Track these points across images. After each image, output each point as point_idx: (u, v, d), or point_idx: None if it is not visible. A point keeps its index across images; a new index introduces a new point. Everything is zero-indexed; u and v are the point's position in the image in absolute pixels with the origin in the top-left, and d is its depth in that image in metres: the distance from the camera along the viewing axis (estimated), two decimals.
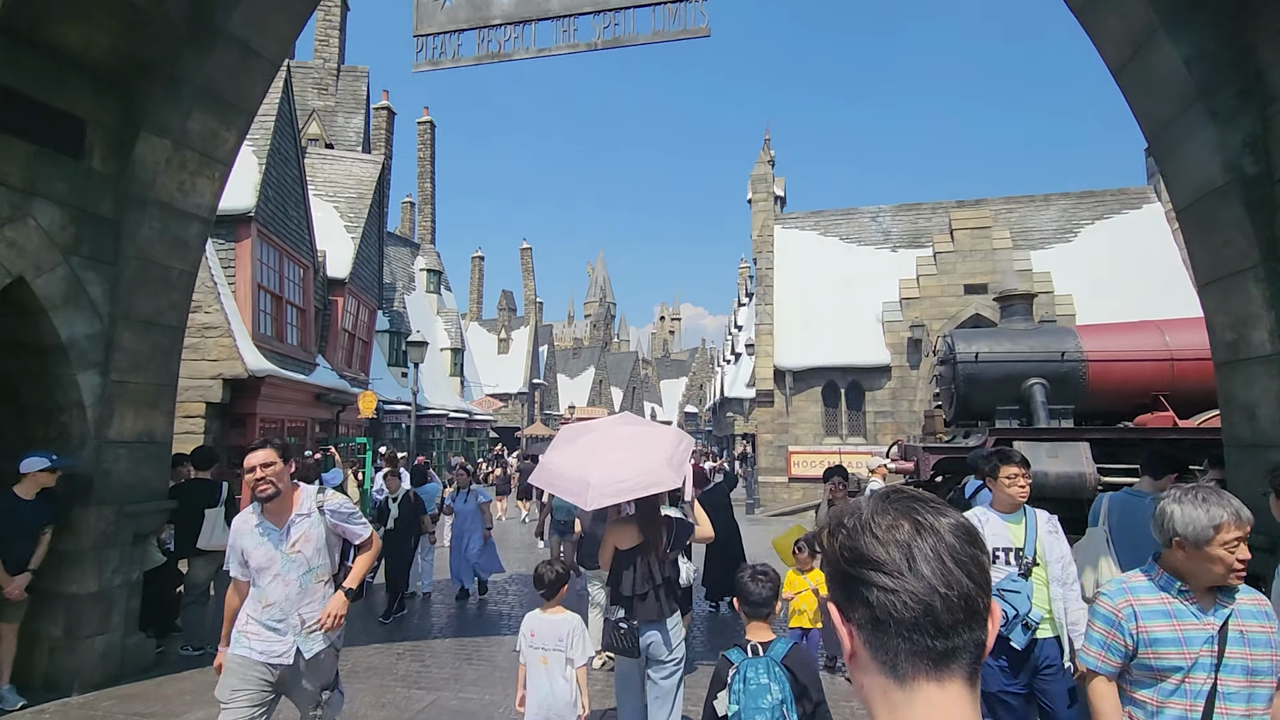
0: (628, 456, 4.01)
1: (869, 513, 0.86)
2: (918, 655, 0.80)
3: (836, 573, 0.86)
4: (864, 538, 0.83)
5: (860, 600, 0.82)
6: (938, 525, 0.83)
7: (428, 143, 32.38)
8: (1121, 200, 20.81)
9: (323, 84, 20.39)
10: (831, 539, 0.87)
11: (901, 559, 0.81)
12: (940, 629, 0.79)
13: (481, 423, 31.22)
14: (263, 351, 12.12)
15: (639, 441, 4.23)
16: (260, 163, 12.36)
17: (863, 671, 0.84)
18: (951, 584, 0.80)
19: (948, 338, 12.78)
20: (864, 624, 0.82)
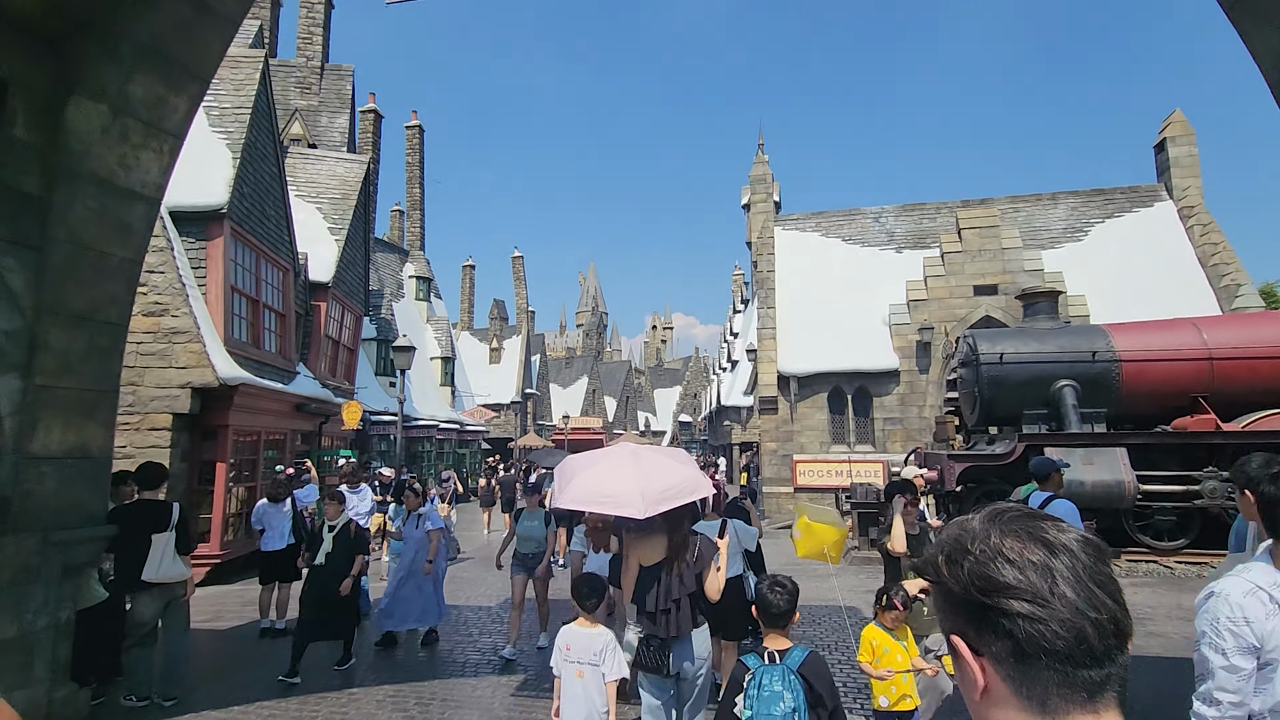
0: (664, 466, 4.14)
1: (993, 535, 0.81)
2: (1072, 687, 0.75)
3: (964, 603, 0.80)
4: (997, 563, 0.79)
5: (998, 632, 0.77)
6: (1069, 544, 0.79)
7: (416, 147, 31.62)
8: (1132, 198, 20.27)
9: (306, 83, 19.61)
10: (953, 567, 0.82)
11: (1043, 584, 0.77)
12: (1095, 657, 0.75)
13: (474, 434, 30.29)
14: (237, 358, 11.26)
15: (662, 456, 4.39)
16: (235, 158, 11.55)
17: (1000, 708, 0.78)
18: (1098, 606, 0.76)
19: (968, 338, 12.08)
20: (1004, 657, 0.77)
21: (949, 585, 0.83)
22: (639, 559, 3.94)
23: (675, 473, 4.08)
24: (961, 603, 0.82)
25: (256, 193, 12.42)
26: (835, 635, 7.39)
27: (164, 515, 5.26)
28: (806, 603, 7.66)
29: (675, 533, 3.93)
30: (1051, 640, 0.75)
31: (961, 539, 0.85)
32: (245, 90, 12.35)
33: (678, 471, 4.12)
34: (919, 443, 18.40)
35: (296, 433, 14.10)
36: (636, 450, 4.44)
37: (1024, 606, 0.76)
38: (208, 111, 12.01)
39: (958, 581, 0.82)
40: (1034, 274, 18.31)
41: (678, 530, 3.94)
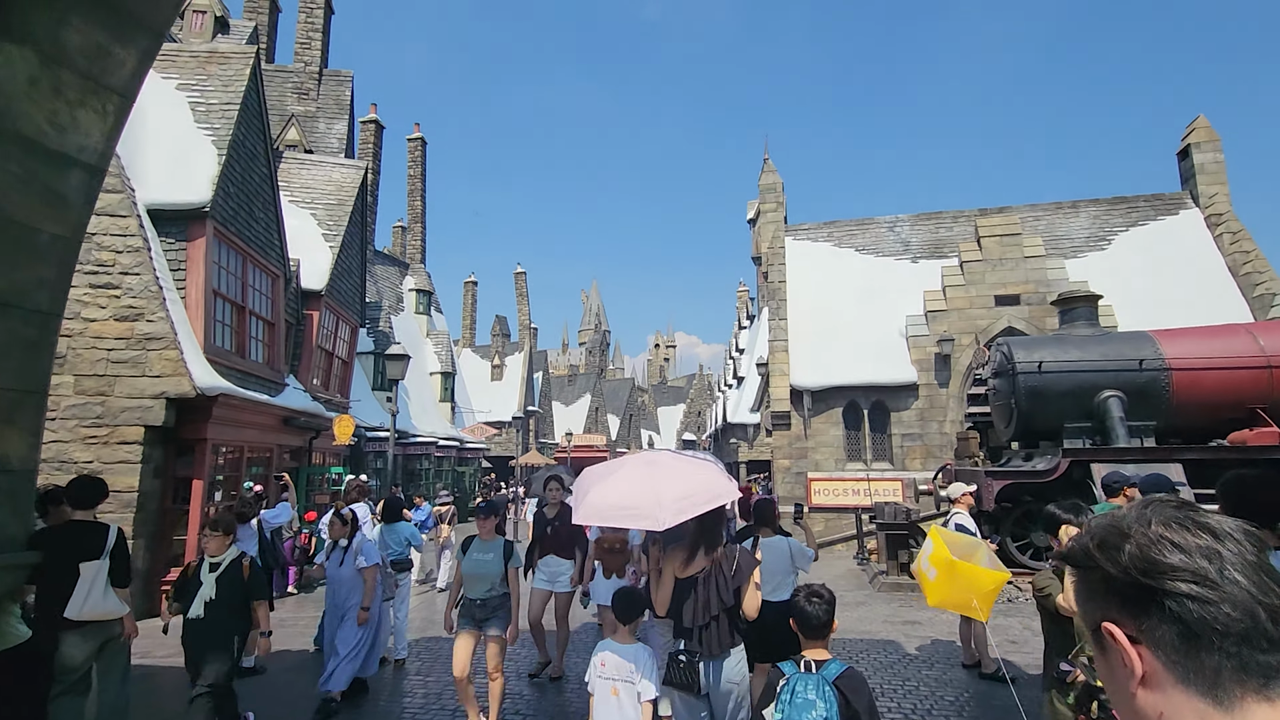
0: (684, 471, 3.95)
1: (1154, 522, 0.80)
2: (1246, 671, 0.73)
3: (1122, 587, 0.78)
4: (1162, 548, 0.77)
5: (1163, 616, 0.75)
6: (1233, 531, 0.78)
7: (418, 160, 31.16)
8: (1156, 206, 19.56)
9: (303, 88, 19.08)
10: (1111, 551, 0.80)
11: (1211, 567, 0.75)
12: (1271, 640, 0.73)
13: (474, 451, 29.43)
14: (219, 367, 10.50)
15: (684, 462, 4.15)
16: (220, 154, 10.88)
17: (1164, 695, 0.75)
18: (1269, 591, 0.74)
19: (1002, 346, 11.27)
20: (1167, 642, 0.75)
21: (1105, 569, 0.80)
22: (674, 571, 3.78)
23: (693, 477, 3.89)
24: (1119, 587, 0.79)
25: (244, 193, 11.74)
26: (878, 675, 6.51)
27: (96, 540, 4.45)
28: (838, 635, 6.82)
29: (711, 543, 3.76)
30: (1225, 621, 0.73)
31: (1118, 525, 0.82)
32: (234, 86, 11.72)
33: (696, 476, 3.91)
34: (939, 459, 17.55)
35: (284, 448, 13.31)
36: (653, 457, 4.21)
37: (1193, 588, 0.74)
38: (193, 107, 11.39)
39: (1115, 564, 0.79)
40: (1058, 283, 17.55)
41: (714, 540, 3.77)
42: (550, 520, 6.79)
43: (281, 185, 15.99)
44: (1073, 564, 0.87)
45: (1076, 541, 0.86)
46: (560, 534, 6.69)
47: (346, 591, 5.89)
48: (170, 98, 11.43)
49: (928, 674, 6.46)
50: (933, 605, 4.50)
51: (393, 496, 8.15)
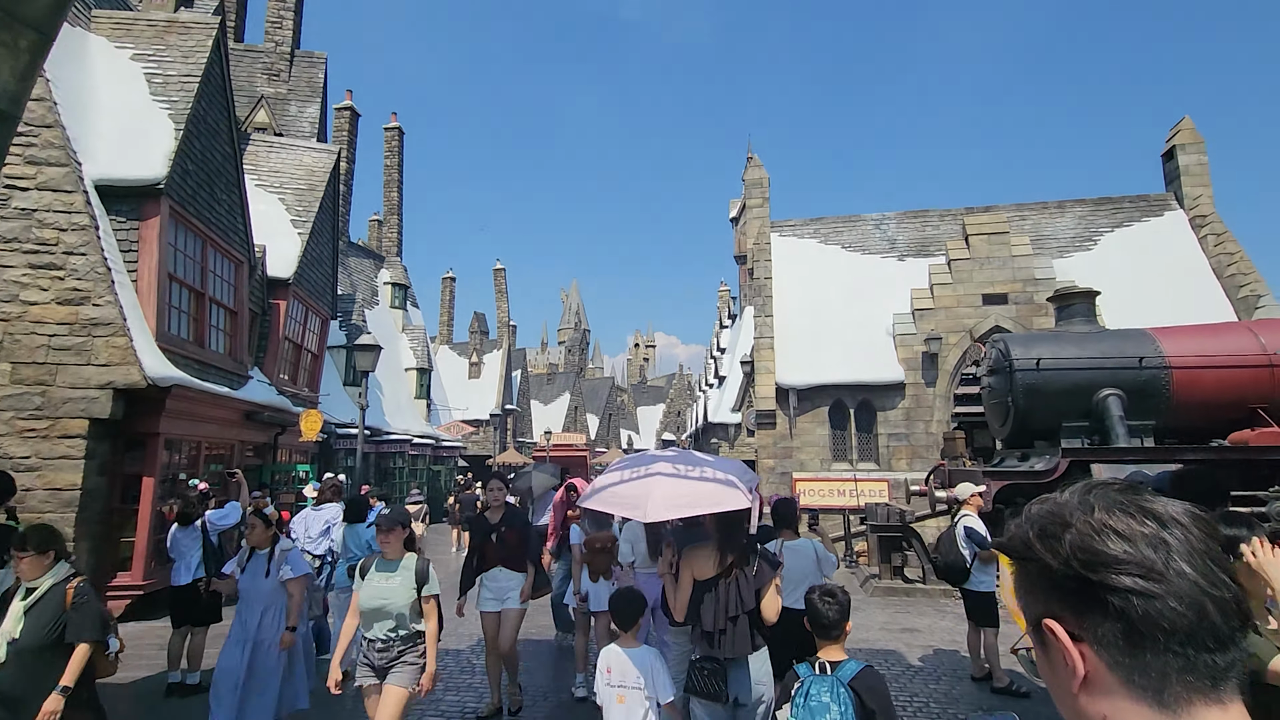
0: (692, 472, 3.83)
1: (1096, 508, 0.74)
2: (1194, 673, 0.68)
3: (1062, 581, 0.72)
4: (1104, 537, 0.71)
5: (1106, 612, 0.69)
6: (1179, 516, 0.72)
7: (395, 150, 30.34)
8: (1141, 207, 19.51)
9: (274, 70, 18.28)
10: (1050, 542, 0.74)
11: (1157, 557, 0.69)
12: (1219, 638, 0.68)
13: (450, 450, 28.69)
14: (173, 357, 9.80)
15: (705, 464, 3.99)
16: (178, 129, 10.18)
17: (1106, 698, 0.70)
18: (1217, 583, 0.69)
19: (998, 342, 10.94)
20: (1111, 641, 0.69)
21: (1044, 561, 0.74)
22: (693, 572, 3.67)
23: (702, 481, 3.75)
24: (1059, 581, 0.73)
25: (204, 172, 11.03)
26: None
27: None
28: None
29: (731, 543, 3.65)
30: (1171, 618, 0.67)
31: (1058, 512, 0.76)
32: (195, 58, 11.00)
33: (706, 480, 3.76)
34: (926, 460, 17.29)
35: (247, 445, 12.60)
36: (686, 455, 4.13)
37: (1137, 582, 0.69)
38: (149, 79, 10.66)
39: (1055, 556, 0.73)
40: (1046, 282, 17.39)
41: (735, 541, 3.65)
42: (494, 526, 5.56)
43: (248, 169, 15.24)
44: (1011, 554, 0.80)
45: (1016, 530, 0.80)
46: (508, 541, 5.54)
47: (262, 609, 4.82)
48: (125, 69, 10.69)
49: (935, 688, 6.05)
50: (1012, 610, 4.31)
51: (358, 495, 7.54)
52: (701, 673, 3.44)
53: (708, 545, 3.70)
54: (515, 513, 5.68)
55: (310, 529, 8.01)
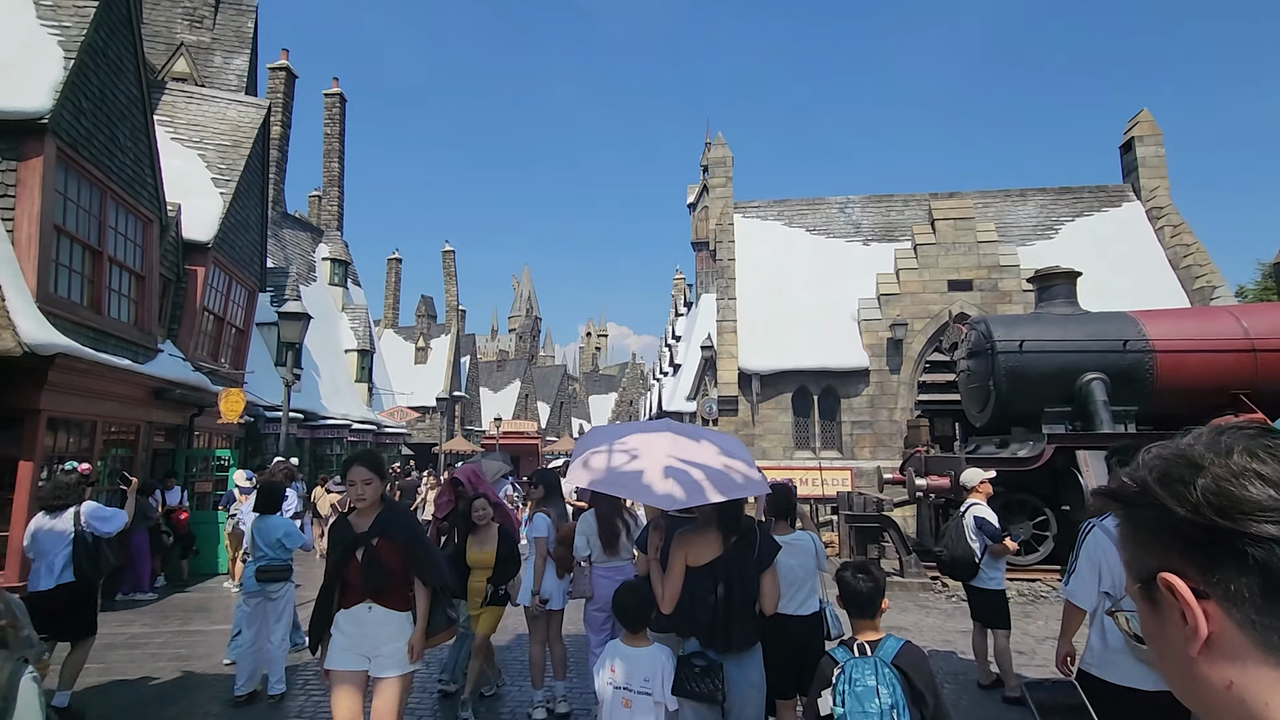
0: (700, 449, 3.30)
1: (1235, 450, 0.65)
2: None
3: (1191, 530, 0.64)
4: (1245, 481, 0.63)
5: (1242, 565, 0.62)
6: None
7: (336, 118, 28.47)
8: (1100, 198, 19.57)
9: (197, 16, 16.55)
10: (1177, 486, 0.65)
11: None
12: None
13: (394, 436, 27.23)
14: (61, 322, 8.45)
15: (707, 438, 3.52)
16: (68, 57, 8.74)
17: (1234, 662, 0.62)
18: None
19: (979, 324, 10.45)
20: (1245, 597, 0.61)
21: (1169, 507, 0.65)
22: (686, 558, 3.32)
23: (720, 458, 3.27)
24: (1183, 530, 0.65)
25: (104, 113, 9.59)
26: None
27: None
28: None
29: (732, 525, 3.31)
30: None
31: (1186, 455, 0.67)
32: None
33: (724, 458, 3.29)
34: (889, 448, 16.94)
35: (157, 426, 11.20)
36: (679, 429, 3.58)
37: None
38: (37, 3, 9.15)
39: (1182, 502, 0.64)
40: (1011, 270, 17.21)
41: (734, 522, 3.31)
42: (360, 537, 3.45)
43: (163, 121, 13.66)
44: (1124, 501, 0.71)
45: (1130, 475, 0.71)
46: (382, 562, 3.43)
47: None
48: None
49: None
50: None
51: (270, 481, 6.42)
52: (694, 671, 3.11)
53: (706, 527, 3.35)
54: (396, 515, 3.53)
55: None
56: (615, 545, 5.02)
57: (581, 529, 5.16)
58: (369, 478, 3.45)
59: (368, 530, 3.40)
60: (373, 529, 3.40)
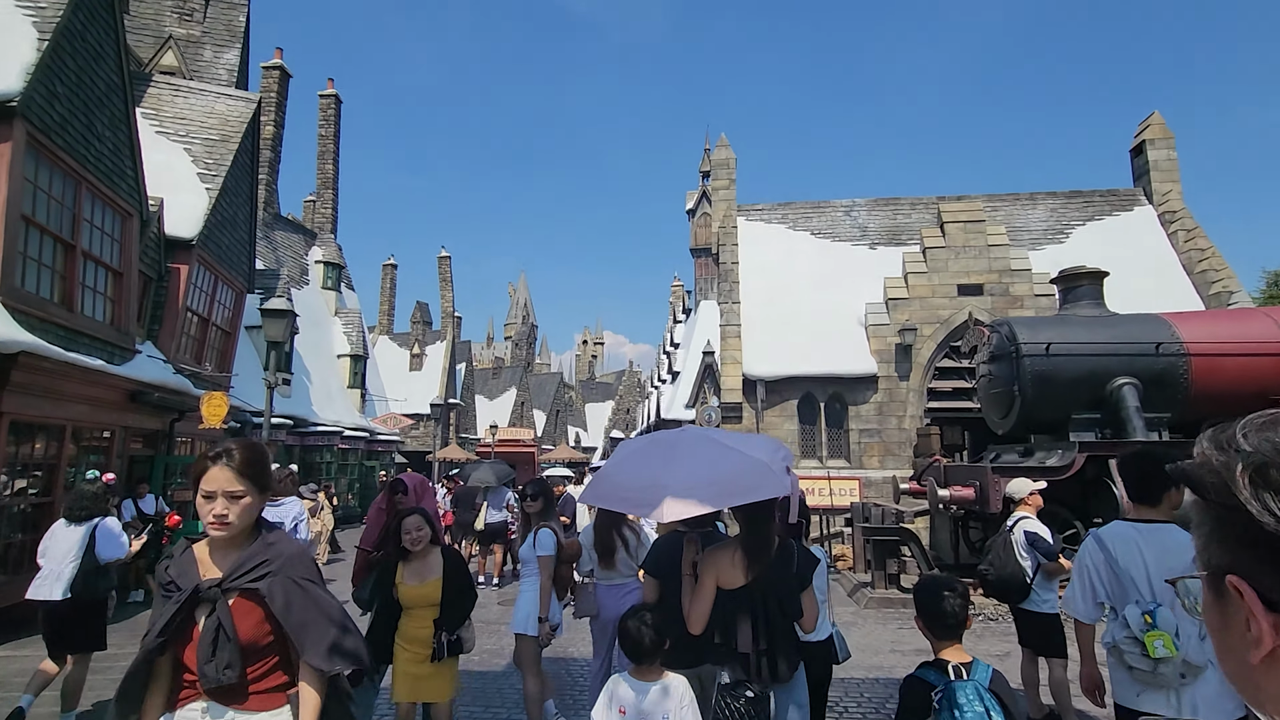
0: (713, 454, 2.95)
1: None
2: None
3: (1271, 539, 0.58)
4: None
5: None
6: None
7: (331, 119, 28.00)
8: (1111, 202, 19.19)
9: (186, 9, 16.07)
10: (1268, 496, 0.58)
11: None
12: None
13: (386, 444, 26.61)
14: (27, 318, 7.90)
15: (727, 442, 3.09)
16: (40, 39, 8.22)
17: None
18: None
19: (1002, 326, 9.96)
20: None
21: (1246, 506, 0.59)
22: (718, 579, 2.94)
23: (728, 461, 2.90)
24: (1265, 538, 0.59)
25: (80, 99, 9.06)
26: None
27: None
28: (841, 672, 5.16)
29: (763, 541, 2.94)
30: None
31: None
32: None
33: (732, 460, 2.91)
34: (898, 457, 16.44)
35: (134, 432, 10.63)
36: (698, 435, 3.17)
37: None
38: None
39: (1266, 507, 0.58)
40: (1022, 273, 16.78)
41: (765, 538, 2.94)
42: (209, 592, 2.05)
43: (148, 113, 13.14)
44: (1201, 492, 0.64)
45: (1211, 458, 0.63)
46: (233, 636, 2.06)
47: None
48: None
49: None
50: None
51: None
52: (735, 703, 2.72)
53: (731, 545, 3.03)
54: (277, 553, 2.08)
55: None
56: (611, 559, 4.60)
57: (583, 541, 4.80)
58: (236, 488, 2.01)
59: (220, 580, 2.02)
60: (229, 578, 2.01)
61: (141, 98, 13.22)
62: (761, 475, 2.82)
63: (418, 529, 3.80)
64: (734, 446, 2.96)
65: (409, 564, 3.83)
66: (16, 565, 8.02)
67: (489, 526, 11.09)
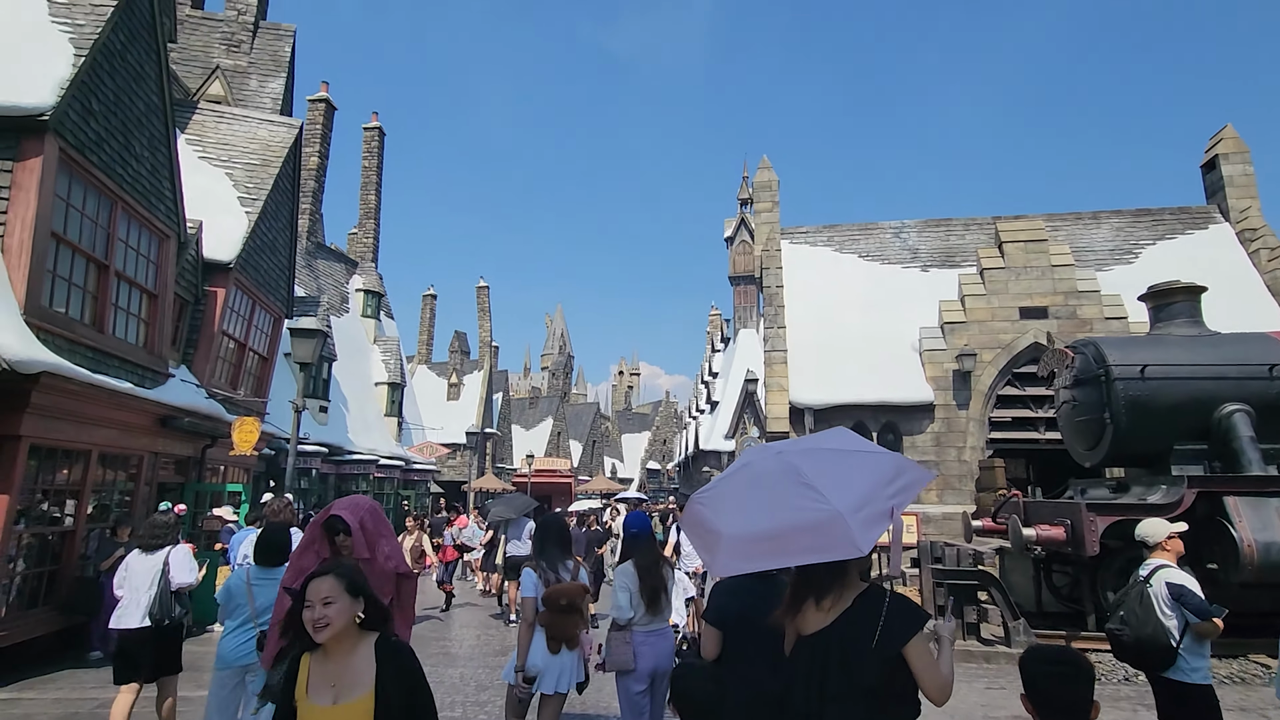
0: (790, 494, 2.24)
1: None
2: None
3: None
4: None
5: None
6: None
7: (375, 151, 28.42)
8: (1184, 220, 18.01)
9: (234, 40, 16.33)
10: None
11: None
12: None
13: (422, 473, 26.26)
14: (52, 339, 7.64)
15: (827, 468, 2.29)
16: (77, 55, 8.11)
17: None
18: None
19: (1088, 347, 9.03)
20: None
21: None
22: (800, 625, 2.36)
23: (798, 509, 2.17)
24: None
25: (118, 117, 8.95)
26: None
27: None
28: None
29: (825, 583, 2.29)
30: None
31: None
32: None
33: (808, 508, 2.15)
34: (958, 491, 15.35)
35: (164, 458, 10.31)
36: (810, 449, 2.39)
37: None
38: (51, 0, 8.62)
39: None
40: (1090, 295, 15.70)
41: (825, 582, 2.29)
42: None
43: (193, 140, 13.20)
44: None
45: None
46: None
47: None
48: None
49: None
50: None
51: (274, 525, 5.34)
52: None
53: (811, 587, 2.44)
54: None
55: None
56: (659, 603, 4.10)
57: (621, 583, 4.17)
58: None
59: None
60: None
61: (186, 125, 13.30)
62: (830, 533, 2.12)
63: (325, 601, 2.10)
64: (812, 483, 2.21)
65: (318, 665, 2.17)
66: (33, 598, 7.64)
67: (510, 559, 10.52)
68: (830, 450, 2.39)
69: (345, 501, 3.49)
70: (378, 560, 3.20)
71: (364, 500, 3.61)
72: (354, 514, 3.33)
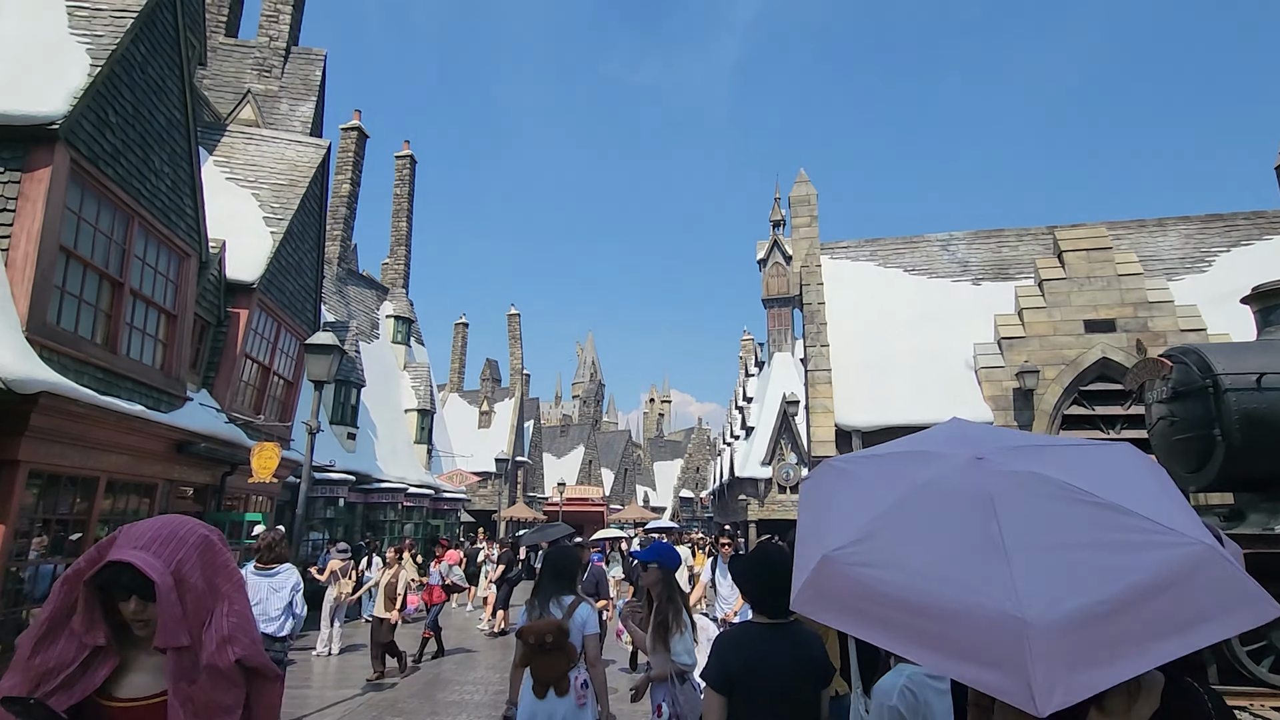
0: (1094, 531, 1.25)
1: None
2: None
3: None
4: None
5: None
6: None
7: (406, 179, 28.51)
8: (1259, 224, 16.77)
9: (266, 65, 16.34)
10: None
11: None
12: None
13: (452, 502, 25.67)
14: (57, 358, 7.18)
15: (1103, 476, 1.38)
16: (93, 65, 7.80)
17: None
18: None
19: (1190, 355, 8.04)
20: None
21: None
22: None
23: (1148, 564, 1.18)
24: None
25: (136, 131, 8.64)
26: None
27: None
28: None
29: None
30: None
31: None
32: None
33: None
34: None
35: (181, 485, 9.83)
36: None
37: None
38: (71, 12, 8.39)
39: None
40: (1163, 305, 14.54)
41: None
42: None
43: (221, 161, 13.01)
44: None
45: None
46: None
47: None
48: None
49: None
50: None
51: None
52: None
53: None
54: None
55: (268, 605, 5.53)
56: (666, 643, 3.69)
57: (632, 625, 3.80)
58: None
59: None
60: None
61: (215, 146, 13.13)
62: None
63: None
64: (1123, 505, 1.26)
65: None
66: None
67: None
68: (1069, 447, 1.57)
69: (145, 529, 1.71)
70: (206, 648, 1.67)
71: (184, 526, 1.76)
72: (163, 555, 1.66)
